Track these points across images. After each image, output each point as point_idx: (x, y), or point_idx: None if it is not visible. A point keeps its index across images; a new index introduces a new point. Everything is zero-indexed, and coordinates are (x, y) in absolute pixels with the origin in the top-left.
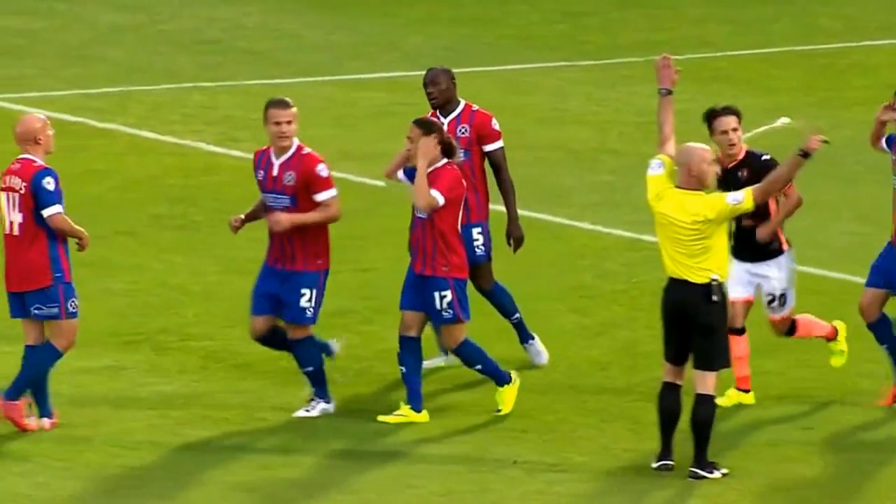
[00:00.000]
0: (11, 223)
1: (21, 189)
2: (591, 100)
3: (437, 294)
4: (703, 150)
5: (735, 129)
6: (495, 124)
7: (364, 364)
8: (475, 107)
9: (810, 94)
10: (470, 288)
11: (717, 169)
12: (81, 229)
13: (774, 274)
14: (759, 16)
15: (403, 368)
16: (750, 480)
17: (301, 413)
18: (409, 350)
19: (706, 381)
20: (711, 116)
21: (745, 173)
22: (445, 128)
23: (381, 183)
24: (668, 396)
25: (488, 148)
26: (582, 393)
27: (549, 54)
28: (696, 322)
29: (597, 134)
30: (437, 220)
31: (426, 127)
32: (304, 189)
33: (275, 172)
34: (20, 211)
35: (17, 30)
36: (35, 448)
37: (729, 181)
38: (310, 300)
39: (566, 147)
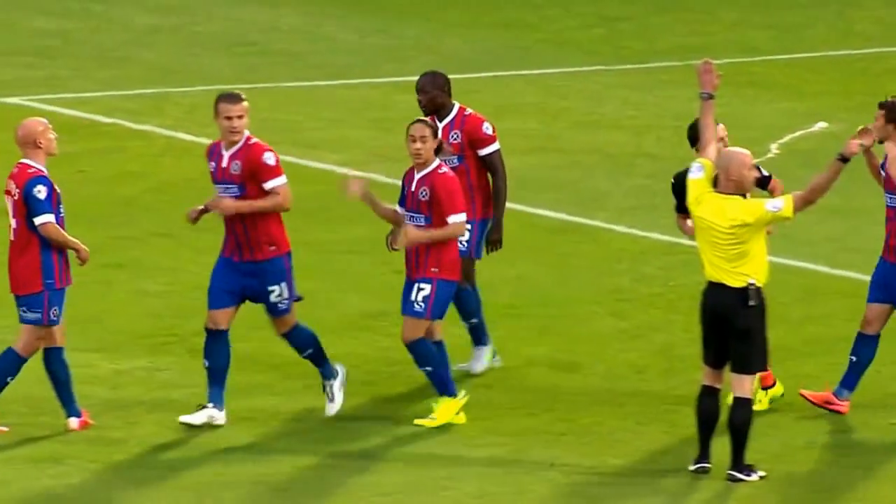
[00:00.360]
0: (10, 227)
1: (15, 194)
2: (628, 104)
3: (416, 286)
4: (743, 155)
5: (722, 139)
6: (486, 128)
7: (396, 367)
8: (468, 111)
9: (847, 98)
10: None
11: (756, 174)
12: (76, 242)
13: None
14: (795, 20)
15: (428, 367)
16: (787, 483)
17: (328, 406)
18: (419, 352)
19: (744, 385)
20: None
21: None
22: (440, 133)
23: None
24: (707, 400)
25: (481, 152)
26: (619, 396)
27: (586, 59)
28: (733, 326)
29: (634, 138)
30: (435, 221)
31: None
32: (251, 178)
33: (224, 163)
34: (14, 216)
35: (53, 31)
36: (70, 450)
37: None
38: (279, 295)
39: (603, 151)
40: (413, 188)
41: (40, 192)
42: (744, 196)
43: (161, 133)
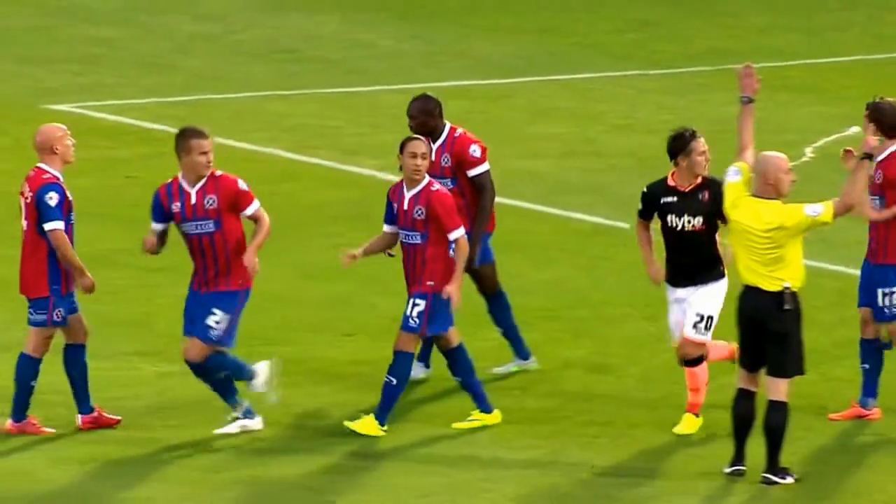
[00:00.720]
0: (22, 229)
1: (28, 197)
2: (662, 108)
3: (412, 300)
4: (780, 160)
5: (703, 153)
6: (474, 151)
7: (437, 371)
8: (458, 132)
9: None
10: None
11: (793, 178)
12: (80, 265)
13: (706, 296)
14: (827, 24)
15: (393, 380)
16: (821, 486)
17: (231, 428)
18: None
19: (779, 388)
20: (691, 137)
21: (705, 196)
22: (433, 155)
23: None
24: (743, 403)
25: (470, 174)
26: (653, 398)
27: (620, 63)
28: (769, 329)
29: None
30: (432, 237)
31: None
32: (229, 209)
33: (193, 200)
34: (26, 219)
35: (98, 39)
36: (116, 451)
37: (689, 203)
38: (217, 322)
39: (637, 155)
40: (406, 206)
41: (52, 198)
42: (781, 200)
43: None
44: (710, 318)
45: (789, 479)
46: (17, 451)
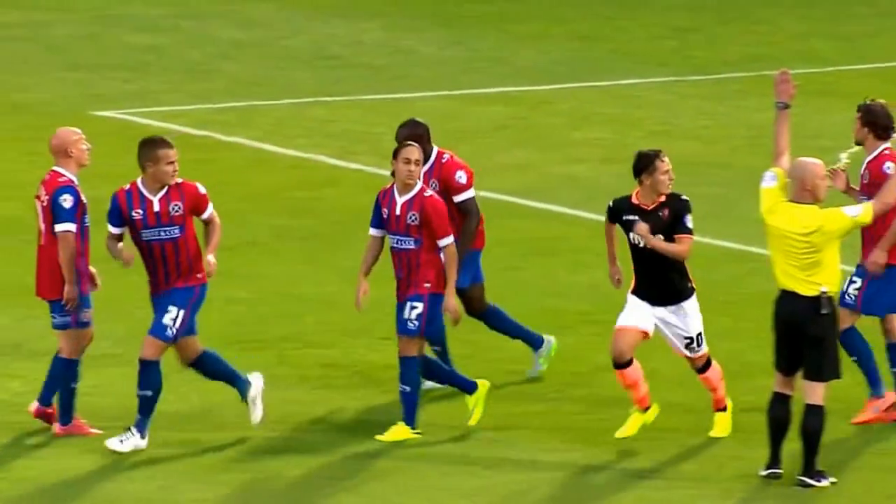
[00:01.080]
0: (39, 232)
1: (44, 201)
2: (700, 114)
3: (409, 304)
4: (817, 165)
5: (667, 172)
6: (460, 177)
7: (469, 374)
8: (445, 157)
9: None
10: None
11: (829, 183)
12: (72, 273)
13: (685, 318)
14: (863, 31)
15: (408, 388)
16: (857, 489)
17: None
18: (409, 369)
19: (816, 392)
20: (655, 157)
21: (666, 213)
22: (421, 179)
23: (494, 195)
24: (778, 406)
25: (455, 199)
26: (689, 401)
27: (658, 69)
28: (805, 333)
29: (705, 147)
30: (426, 242)
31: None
32: (190, 214)
33: (156, 208)
34: (43, 222)
35: (144, 46)
36: (160, 453)
37: (650, 221)
38: (173, 319)
39: (675, 160)
40: (399, 211)
41: (66, 200)
42: (817, 205)
43: (249, 145)
44: (700, 334)
45: (825, 482)
46: (67, 452)
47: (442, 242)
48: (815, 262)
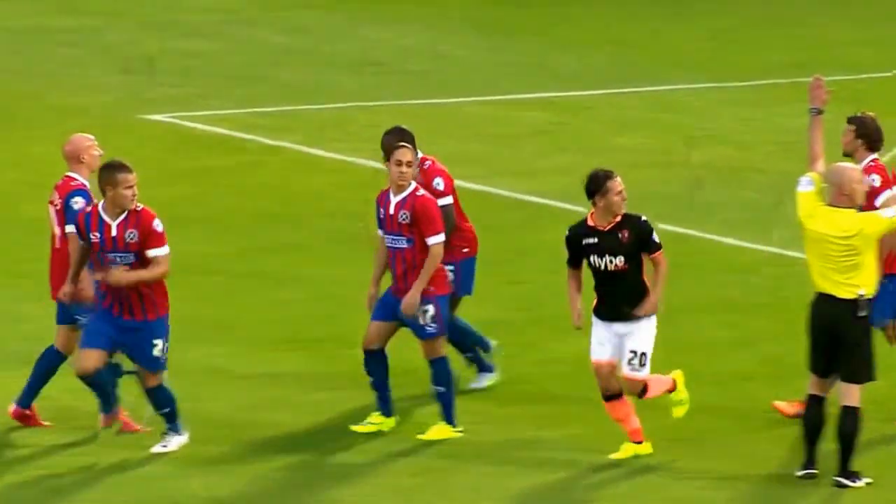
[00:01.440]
0: (54, 235)
1: (58, 204)
2: (738, 119)
3: (419, 308)
4: (853, 170)
5: (620, 192)
6: (437, 184)
7: (514, 373)
8: (428, 162)
9: None
10: None
11: (865, 188)
12: (72, 274)
13: (638, 333)
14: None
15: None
16: (893, 489)
17: (158, 448)
18: (376, 362)
19: (852, 394)
20: (606, 178)
21: (625, 235)
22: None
23: (535, 199)
24: (814, 408)
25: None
26: (728, 403)
27: (697, 75)
28: (842, 336)
29: (743, 153)
30: (419, 243)
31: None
32: (143, 244)
33: (114, 232)
34: (58, 225)
35: (191, 51)
36: (198, 451)
37: (609, 243)
38: (161, 350)
39: (713, 165)
40: (392, 211)
41: (76, 203)
42: (856, 209)
43: (293, 149)
44: (644, 354)
45: (861, 483)
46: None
47: (429, 241)
48: (853, 264)
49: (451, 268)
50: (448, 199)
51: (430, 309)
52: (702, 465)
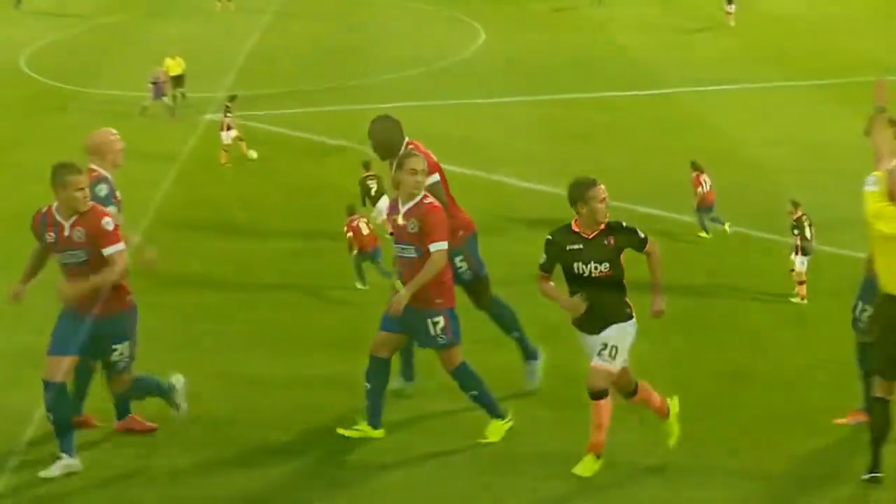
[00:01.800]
0: None
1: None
2: (806, 119)
3: (429, 321)
4: None
5: (604, 199)
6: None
7: (574, 375)
8: (410, 147)
9: None
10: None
11: None
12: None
13: (617, 331)
14: None
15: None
16: None
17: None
18: (378, 370)
19: None
20: (589, 185)
21: (610, 241)
22: (391, 170)
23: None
24: (880, 411)
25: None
26: (793, 405)
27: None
28: None
29: (812, 154)
30: (425, 252)
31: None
32: (93, 243)
33: (66, 233)
34: None
35: (252, 53)
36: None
37: (594, 250)
38: (121, 353)
39: (781, 166)
40: (401, 221)
41: (101, 189)
42: None
43: (356, 148)
44: (615, 347)
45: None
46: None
47: (432, 247)
48: None
49: (461, 256)
50: (434, 177)
51: (441, 321)
52: (767, 467)
